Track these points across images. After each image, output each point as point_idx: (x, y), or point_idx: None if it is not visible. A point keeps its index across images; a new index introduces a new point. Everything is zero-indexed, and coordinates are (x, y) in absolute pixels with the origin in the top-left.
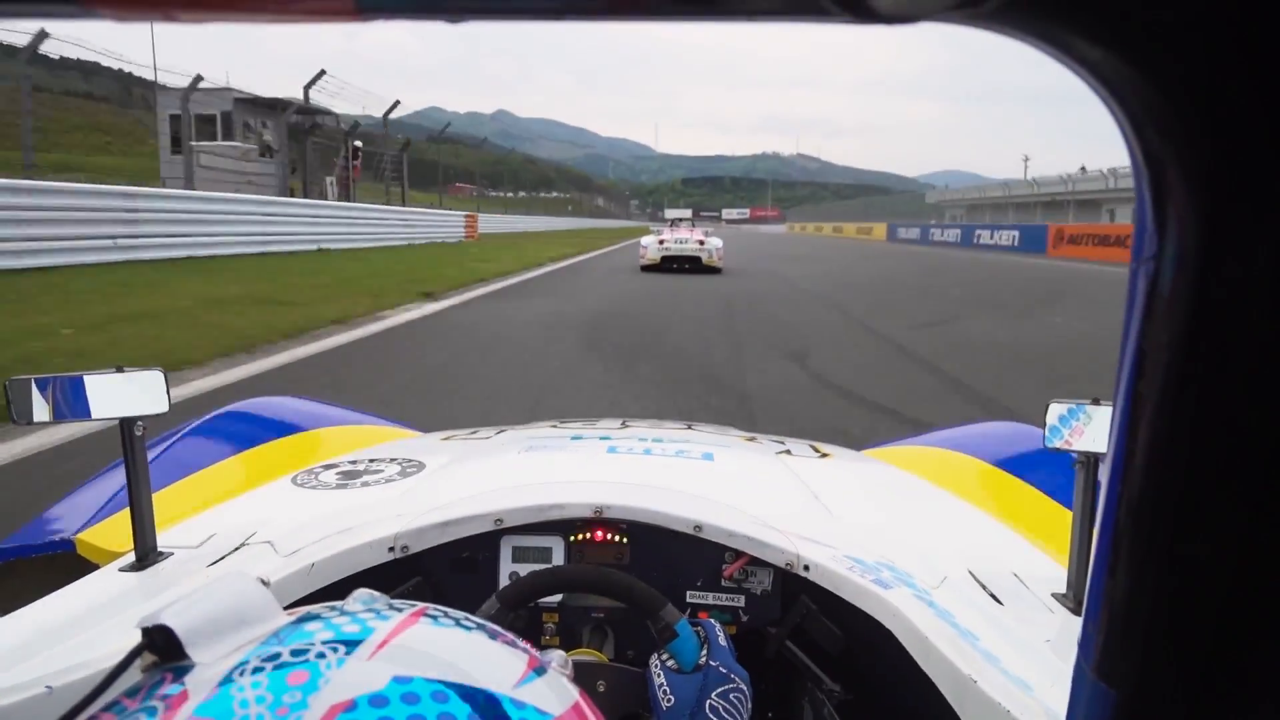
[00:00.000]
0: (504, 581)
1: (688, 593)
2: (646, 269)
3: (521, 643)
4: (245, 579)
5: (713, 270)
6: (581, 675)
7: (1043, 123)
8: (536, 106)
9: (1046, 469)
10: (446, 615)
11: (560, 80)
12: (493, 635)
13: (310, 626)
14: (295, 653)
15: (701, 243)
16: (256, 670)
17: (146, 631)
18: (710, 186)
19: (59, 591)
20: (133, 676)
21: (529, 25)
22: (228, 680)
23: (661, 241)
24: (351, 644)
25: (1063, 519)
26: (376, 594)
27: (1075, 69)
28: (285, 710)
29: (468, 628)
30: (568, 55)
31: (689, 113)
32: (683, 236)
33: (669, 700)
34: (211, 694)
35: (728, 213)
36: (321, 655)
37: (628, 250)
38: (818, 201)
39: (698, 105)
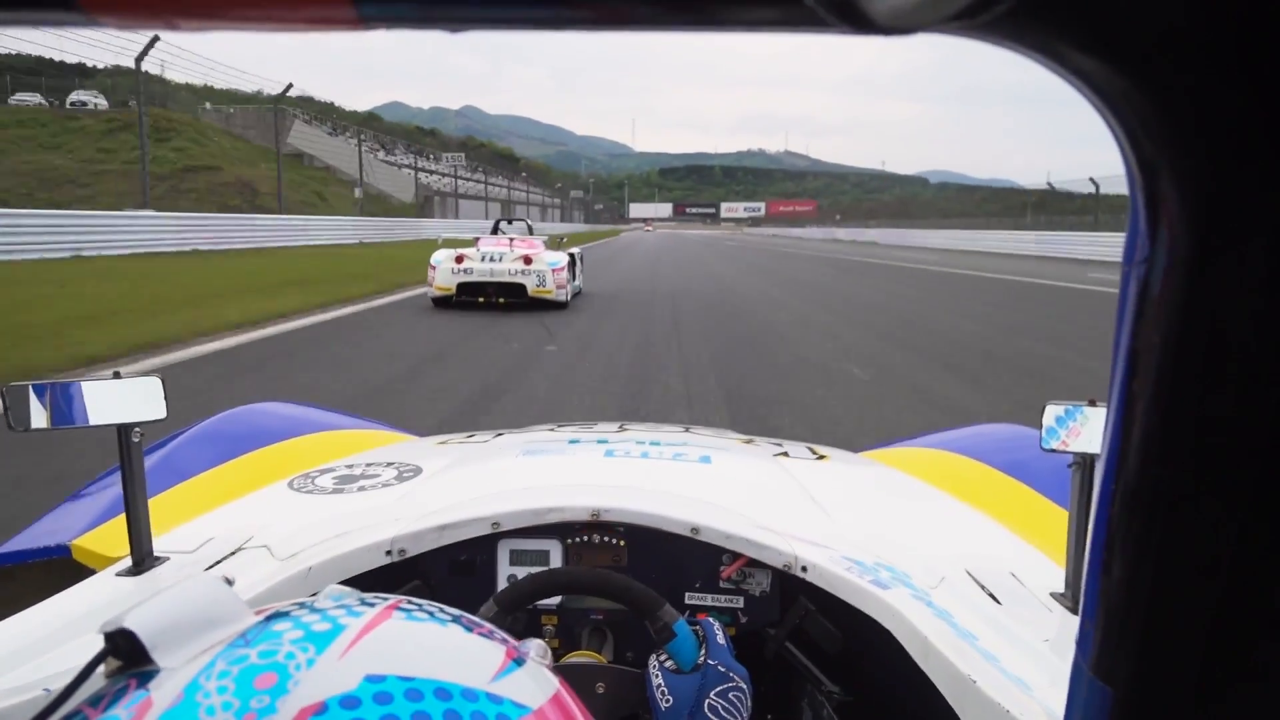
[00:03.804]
0: (502, 584)
1: (686, 594)
2: (438, 302)
3: (499, 633)
4: (211, 580)
5: (554, 305)
6: (580, 677)
7: (1031, 124)
8: (507, 104)
9: (1044, 470)
10: (421, 609)
11: (534, 77)
12: (469, 627)
13: (279, 626)
14: (263, 654)
15: (528, 261)
16: (223, 674)
17: (109, 636)
18: (695, 178)
19: (55, 596)
20: (96, 683)
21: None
22: (193, 685)
23: (460, 259)
24: (322, 642)
25: (1060, 519)
26: (348, 589)
27: (1070, 79)
28: (252, 716)
29: (443, 621)
30: (542, 52)
31: (668, 110)
32: (496, 251)
33: (668, 700)
34: (176, 700)
35: (728, 208)
36: (291, 655)
37: None
38: (834, 195)
39: (677, 103)
